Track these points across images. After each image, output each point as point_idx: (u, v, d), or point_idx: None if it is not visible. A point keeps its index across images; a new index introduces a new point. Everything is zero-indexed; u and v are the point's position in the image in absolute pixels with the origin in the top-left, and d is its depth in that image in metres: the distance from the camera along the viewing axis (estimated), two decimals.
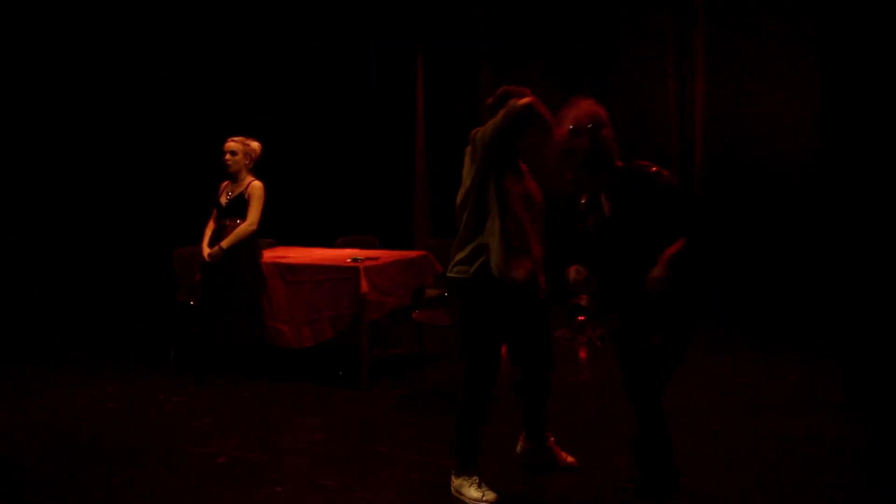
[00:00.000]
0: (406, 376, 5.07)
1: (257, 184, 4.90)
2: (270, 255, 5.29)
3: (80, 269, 6.02)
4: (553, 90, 7.71)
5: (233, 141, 4.92)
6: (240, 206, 4.87)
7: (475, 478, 3.16)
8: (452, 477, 3.20)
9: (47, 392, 4.70)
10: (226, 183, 5.01)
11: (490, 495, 3.10)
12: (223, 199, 4.94)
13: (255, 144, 4.98)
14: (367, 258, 5.07)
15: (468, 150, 3.10)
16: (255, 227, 4.87)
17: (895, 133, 5.95)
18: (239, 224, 4.83)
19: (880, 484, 3.30)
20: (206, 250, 4.84)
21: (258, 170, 5.03)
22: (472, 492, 3.12)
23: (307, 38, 7.58)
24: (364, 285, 4.76)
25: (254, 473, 3.45)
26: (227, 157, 4.88)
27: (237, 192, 4.90)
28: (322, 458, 3.63)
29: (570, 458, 3.45)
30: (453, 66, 8.08)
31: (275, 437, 3.97)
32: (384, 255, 5.34)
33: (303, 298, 4.94)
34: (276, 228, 5.85)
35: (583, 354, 5.76)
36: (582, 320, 6.09)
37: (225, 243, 4.78)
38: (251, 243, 4.90)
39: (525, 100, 2.97)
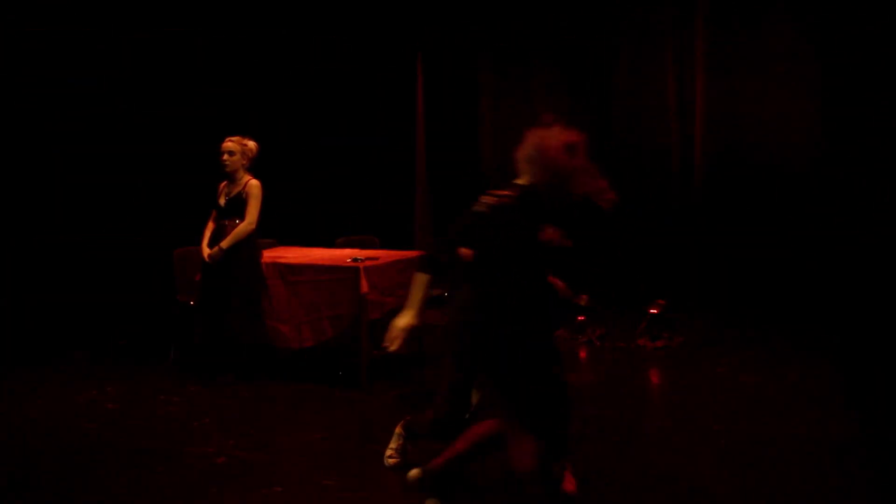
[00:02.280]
0: (406, 376, 5.07)
1: (255, 182, 4.90)
2: (270, 255, 5.28)
3: (80, 269, 6.00)
4: (553, 91, 7.75)
5: (230, 141, 4.91)
6: (238, 205, 4.86)
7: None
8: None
9: (47, 392, 4.70)
10: (224, 183, 5.00)
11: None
12: (222, 200, 4.93)
13: (251, 144, 4.97)
14: (368, 258, 5.07)
15: None
16: (253, 226, 4.86)
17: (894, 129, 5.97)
18: (238, 224, 4.83)
19: (880, 484, 3.30)
20: (205, 251, 4.84)
21: (256, 169, 5.03)
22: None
23: (307, 40, 7.58)
24: (364, 285, 4.76)
25: (254, 473, 3.45)
26: (225, 157, 4.87)
27: (235, 191, 4.90)
28: (322, 458, 3.63)
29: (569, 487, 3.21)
30: (453, 66, 8.09)
31: (275, 437, 3.97)
32: (384, 254, 5.34)
33: (303, 298, 4.94)
34: (276, 228, 5.84)
35: (583, 354, 5.76)
36: (582, 320, 6.09)
37: (224, 244, 4.77)
38: (250, 243, 4.90)
39: None
